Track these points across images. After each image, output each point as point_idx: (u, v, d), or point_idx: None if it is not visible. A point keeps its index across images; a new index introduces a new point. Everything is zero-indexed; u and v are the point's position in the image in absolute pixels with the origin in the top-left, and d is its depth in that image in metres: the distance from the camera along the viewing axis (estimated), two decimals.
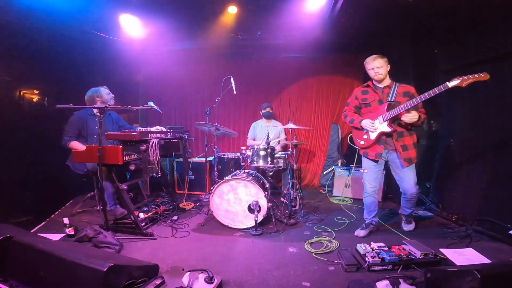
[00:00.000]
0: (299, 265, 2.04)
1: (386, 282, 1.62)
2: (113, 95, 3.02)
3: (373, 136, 2.44)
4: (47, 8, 2.83)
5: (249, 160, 3.16)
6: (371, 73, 2.44)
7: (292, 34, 3.82)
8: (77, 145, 2.79)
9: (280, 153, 3.39)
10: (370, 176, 2.55)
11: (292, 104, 4.77)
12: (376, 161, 2.49)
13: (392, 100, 2.36)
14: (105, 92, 2.94)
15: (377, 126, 2.39)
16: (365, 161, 2.58)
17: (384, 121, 2.35)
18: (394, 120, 2.38)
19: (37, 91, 3.08)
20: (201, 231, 2.67)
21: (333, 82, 4.63)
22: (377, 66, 2.39)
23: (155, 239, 2.46)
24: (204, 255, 2.19)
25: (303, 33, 3.67)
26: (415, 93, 2.39)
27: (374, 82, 2.51)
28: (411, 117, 2.23)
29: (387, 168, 2.75)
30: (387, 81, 2.47)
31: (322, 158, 4.67)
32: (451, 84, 2.00)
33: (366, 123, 2.43)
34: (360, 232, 2.58)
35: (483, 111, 2.11)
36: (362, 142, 2.54)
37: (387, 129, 2.34)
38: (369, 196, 2.58)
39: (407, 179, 2.46)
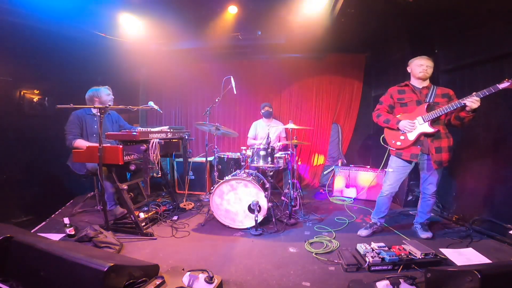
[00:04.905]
0: (299, 265, 2.04)
1: (386, 282, 1.61)
2: (112, 97, 2.94)
3: (411, 136, 2.35)
4: (47, 8, 2.82)
5: (249, 160, 3.16)
6: (419, 69, 2.34)
7: (292, 34, 3.81)
8: (83, 143, 2.72)
9: (280, 153, 3.38)
10: (395, 176, 2.48)
11: (292, 104, 4.76)
12: (410, 162, 2.42)
13: (431, 101, 2.32)
14: (104, 93, 2.86)
15: (417, 126, 2.32)
16: (394, 161, 2.49)
17: (425, 122, 2.29)
18: (435, 121, 2.32)
19: (37, 91, 3.08)
20: (201, 231, 2.67)
21: (333, 82, 4.62)
22: (427, 65, 2.32)
23: (155, 239, 2.46)
24: (204, 255, 2.19)
25: (303, 33, 3.67)
26: (453, 95, 2.34)
27: (413, 82, 2.44)
28: (475, 101, 2.04)
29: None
30: (427, 82, 2.41)
31: (322, 158, 4.67)
32: (501, 86, 1.96)
33: (405, 124, 2.33)
34: (362, 232, 2.57)
35: (482, 110, 2.13)
36: (398, 143, 2.43)
37: (430, 129, 2.28)
38: (384, 197, 2.54)
39: (432, 180, 2.43)
